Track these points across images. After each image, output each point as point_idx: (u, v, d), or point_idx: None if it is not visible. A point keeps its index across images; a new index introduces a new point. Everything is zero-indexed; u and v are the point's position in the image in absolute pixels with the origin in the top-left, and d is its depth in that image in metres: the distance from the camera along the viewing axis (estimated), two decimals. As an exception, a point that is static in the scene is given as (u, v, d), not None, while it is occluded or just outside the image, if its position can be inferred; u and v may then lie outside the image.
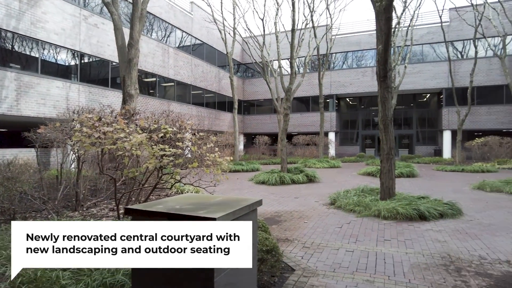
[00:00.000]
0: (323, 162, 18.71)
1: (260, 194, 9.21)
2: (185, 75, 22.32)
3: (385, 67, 6.93)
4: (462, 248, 4.52)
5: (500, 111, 23.44)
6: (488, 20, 21.41)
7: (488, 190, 9.62)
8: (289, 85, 12.35)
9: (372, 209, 6.33)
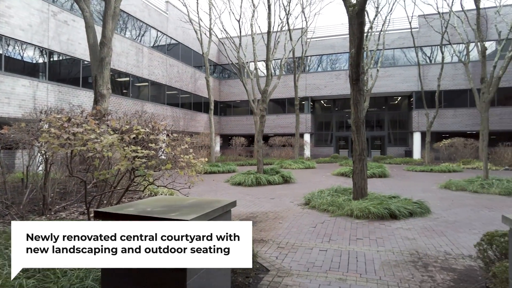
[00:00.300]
0: (298, 163, 18.94)
1: (236, 195, 9.20)
2: (160, 75, 21.95)
3: (357, 70, 7.12)
4: (429, 244, 4.71)
5: (465, 114, 24.65)
6: (454, 27, 22.52)
7: (453, 189, 10.08)
8: (265, 87, 12.42)
9: (345, 208, 6.48)
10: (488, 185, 9.51)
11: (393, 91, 26.66)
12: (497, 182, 9.58)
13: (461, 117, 24.76)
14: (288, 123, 28.33)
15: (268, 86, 12.48)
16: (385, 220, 6.13)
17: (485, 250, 3.27)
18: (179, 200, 2.60)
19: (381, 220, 6.13)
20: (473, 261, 3.98)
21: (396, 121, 29.55)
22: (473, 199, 8.53)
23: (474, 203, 7.98)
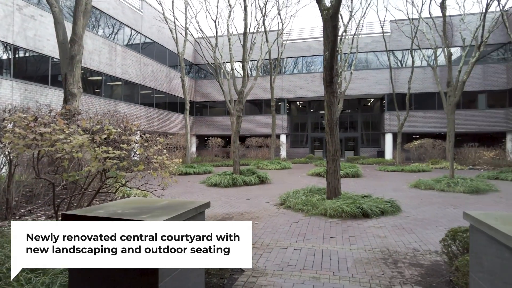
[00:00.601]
0: (274, 164, 19.07)
1: (211, 196, 9.13)
2: (134, 74, 21.44)
3: (331, 73, 7.27)
4: (399, 242, 4.88)
5: (433, 116, 25.74)
6: (423, 33, 23.46)
7: (423, 188, 10.50)
8: (242, 88, 12.43)
9: (319, 208, 6.60)
10: (453, 184, 9.97)
11: (366, 93, 27.41)
12: (461, 181, 10.06)
13: (430, 119, 25.83)
14: (265, 124, 28.48)
15: (245, 87, 12.50)
16: (357, 218, 6.29)
17: (449, 245, 3.44)
18: (151, 202, 2.55)
19: (354, 218, 6.28)
20: (438, 256, 4.16)
21: (369, 123, 30.39)
22: (440, 197, 8.92)
23: (441, 201, 8.34)
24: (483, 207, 7.54)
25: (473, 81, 24.29)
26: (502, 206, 7.67)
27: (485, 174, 13.53)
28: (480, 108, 25.23)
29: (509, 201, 8.37)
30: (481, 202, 8.20)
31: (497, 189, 10.06)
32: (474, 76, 24.05)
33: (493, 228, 1.85)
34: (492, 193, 9.51)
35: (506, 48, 24.98)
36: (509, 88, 24.17)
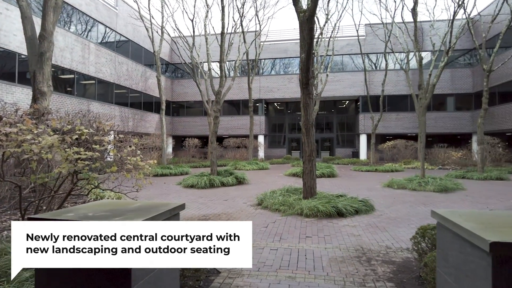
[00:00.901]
0: (252, 164, 19.10)
1: (188, 198, 9.03)
2: (108, 73, 20.86)
3: (307, 75, 7.37)
4: (372, 240, 5.02)
5: (406, 118, 26.64)
6: (396, 37, 24.26)
7: (395, 188, 10.84)
8: (219, 88, 12.37)
9: (295, 208, 6.67)
10: (424, 183, 10.37)
11: (342, 95, 27.99)
12: (432, 180, 10.47)
13: (403, 120, 26.71)
14: (243, 125, 28.48)
15: (222, 88, 12.45)
16: (333, 218, 6.41)
17: (419, 242, 3.57)
18: (124, 204, 2.49)
19: (329, 218, 6.40)
20: (409, 253, 4.31)
21: (344, 124, 31.05)
22: (412, 196, 9.24)
23: (413, 200, 8.64)
24: (451, 205, 7.89)
25: (442, 84, 25.36)
26: (468, 204, 8.05)
27: (453, 174, 14.15)
28: (448, 110, 26.37)
29: (474, 198, 8.79)
30: (449, 200, 8.57)
31: (463, 187, 10.54)
32: (443, 80, 25.11)
33: (457, 225, 1.94)
34: (459, 192, 9.95)
35: (471, 54, 26.24)
36: (474, 92, 25.39)
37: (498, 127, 22.15)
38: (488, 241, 1.58)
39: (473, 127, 25.28)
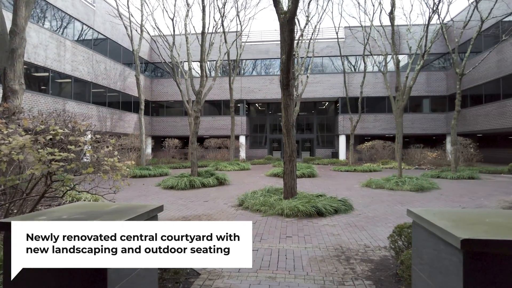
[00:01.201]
0: (233, 165, 19.06)
1: (167, 199, 8.90)
2: (85, 71, 20.28)
3: (288, 76, 7.42)
4: (351, 239, 5.10)
5: (383, 119, 27.30)
6: (374, 40, 24.80)
7: (374, 187, 11.08)
8: (200, 88, 12.27)
9: (276, 208, 6.71)
10: (401, 182, 10.65)
11: (322, 96, 28.36)
12: (408, 180, 10.78)
13: (381, 121, 27.36)
14: (224, 125, 28.37)
15: (203, 87, 12.35)
16: (313, 217, 6.48)
17: (395, 241, 3.66)
18: (100, 206, 2.43)
19: (309, 217, 6.46)
20: (387, 252, 4.41)
21: (324, 125, 31.48)
22: (389, 195, 9.47)
23: (390, 199, 8.86)
24: (426, 204, 8.14)
25: (418, 87, 26.15)
26: (442, 202, 8.33)
27: (429, 173, 14.61)
28: (424, 112, 27.22)
29: (448, 197, 9.11)
30: (425, 199, 8.84)
31: (438, 186, 10.91)
32: (419, 82, 25.88)
33: (431, 223, 2.00)
34: (434, 191, 10.29)
35: (445, 58, 27.21)
36: (448, 94, 26.33)
37: (470, 128, 23.07)
38: (459, 238, 1.63)
39: (447, 128, 26.19)
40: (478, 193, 9.91)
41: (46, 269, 1.78)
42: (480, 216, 2.18)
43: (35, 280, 1.85)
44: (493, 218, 2.12)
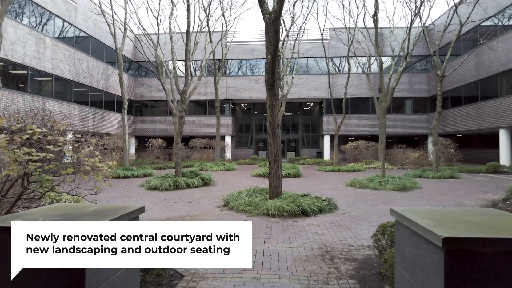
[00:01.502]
0: (219, 165, 18.95)
1: (151, 200, 8.76)
2: (66, 69, 19.77)
3: (273, 76, 7.42)
4: (336, 238, 5.14)
5: (367, 120, 27.73)
6: (358, 42, 25.15)
7: (357, 187, 11.22)
8: (184, 87, 12.14)
9: (261, 208, 6.69)
10: (385, 182, 10.82)
11: (307, 97, 28.57)
12: (391, 179, 10.96)
13: (364, 122, 27.78)
14: (209, 125, 28.20)
15: (188, 87, 12.23)
16: (297, 217, 6.50)
17: (379, 240, 3.70)
18: (79, 207, 2.35)
19: (294, 217, 6.48)
20: (371, 250, 4.46)
21: (309, 125, 31.72)
22: (373, 195, 9.61)
23: (373, 198, 8.98)
24: (409, 203, 8.29)
25: (401, 88, 26.67)
26: (424, 201, 8.51)
27: (411, 173, 14.91)
28: (407, 113, 27.79)
29: (429, 196, 9.31)
30: (407, 198, 9.01)
31: (420, 186, 11.14)
32: (402, 84, 26.42)
33: (413, 222, 2.02)
34: (416, 190, 10.50)
35: (427, 60, 27.88)
36: (430, 96, 26.98)
37: (450, 129, 23.69)
38: (440, 236, 1.65)
39: (429, 129, 26.84)
40: (458, 192, 10.18)
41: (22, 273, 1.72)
42: (461, 215, 2.22)
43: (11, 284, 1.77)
44: (472, 217, 2.16)
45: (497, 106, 19.09)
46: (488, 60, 19.95)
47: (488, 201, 8.49)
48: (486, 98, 20.23)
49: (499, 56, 19.00)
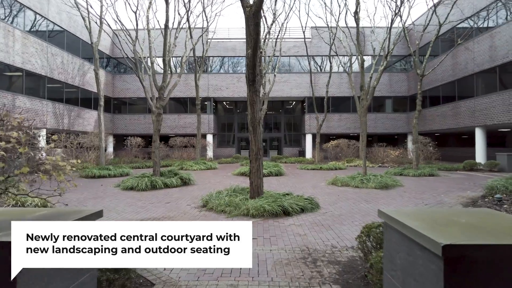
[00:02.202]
0: (200, 164, 18.55)
1: (125, 201, 8.33)
2: (39, 64, 18.84)
3: (254, 71, 7.16)
4: (318, 239, 4.93)
5: (348, 118, 27.91)
6: (340, 41, 25.28)
7: (339, 185, 11.12)
8: (162, 84, 11.70)
9: (241, 208, 6.43)
10: (366, 180, 10.76)
11: (289, 95, 28.46)
12: (373, 177, 10.92)
13: (345, 121, 27.95)
14: (190, 123, 27.67)
15: (165, 83, 11.79)
16: (279, 217, 6.27)
17: (364, 241, 3.50)
18: (24, 212, 2.02)
19: (276, 217, 6.25)
20: (355, 252, 4.27)
21: (291, 124, 31.67)
22: (354, 193, 9.51)
23: (355, 197, 8.88)
24: (391, 201, 8.22)
25: (381, 87, 26.99)
26: (406, 199, 8.46)
27: (392, 171, 14.99)
28: (387, 112, 28.15)
29: (411, 194, 9.30)
30: (389, 196, 8.95)
31: (401, 184, 11.16)
32: (382, 83, 26.73)
33: (405, 225, 1.81)
34: (398, 188, 10.50)
35: (406, 60, 28.33)
36: (409, 95, 27.43)
37: (429, 127, 24.14)
38: (440, 244, 1.44)
39: (408, 127, 27.29)
40: (438, 189, 10.24)
41: None
42: (451, 216, 2.03)
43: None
44: (463, 218, 1.98)
45: (473, 106, 19.54)
46: (464, 60, 20.39)
47: (468, 198, 8.53)
48: (463, 98, 20.69)
49: (475, 57, 19.45)
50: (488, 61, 18.40)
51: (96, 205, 7.72)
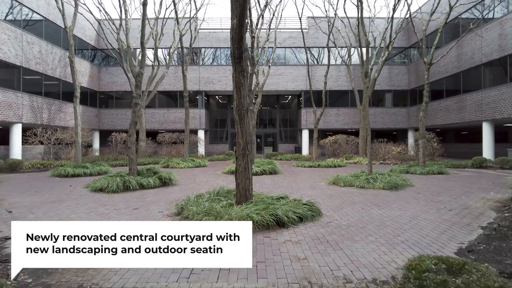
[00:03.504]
0: (187, 162, 17.15)
1: (86, 206, 6.90)
2: (12, 53, 17.26)
3: (240, 46, 5.76)
4: (324, 266, 3.56)
5: (346, 113, 26.57)
6: (338, 31, 23.92)
7: (342, 185, 9.77)
8: (140, 70, 10.24)
9: (223, 218, 5.03)
10: (373, 179, 9.42)
11: (284, 89, 27.03)
12: (380, 176, 9.57)
13: (343, 116, 26.61)
14: (180, 118, 26.17)
15: (143, 69, 10.33)
16: (271, 230, 4.91)
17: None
18: None
19: (266, 230, 4.89)
20: None
21: (287, 119, 30.29)
22: (361, 195, 8.16)
23: (363, 199, 7.53)
24: (405, 205, 6.87)
25: (381, 80, 25.70)
26: (422, 203, 7.12)
27: (397, 168, 13.65)
28: (386, 106, 26.87)
29: (426, 196, 7.97)
30: (402, 199, 7.61)
31: (412, 184, 9.84)
32: (382, 76, 25.44)
33: None
34: (408, 188, 9.17)
35: (406, 53, 27.03)
36: (410, 89, 26.18)
37: (431, 122, 22.89)
38: None
39: (408, 123, 26.04)
40: (454, 190, 8.93)
41: None
42: None
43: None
44: None
45: (480, 99, 18.31)
46: (471, 51, 19.13)
47: (494, 201, 7.25)
48: (469, 91, 19.44)
49: (482, 46, 18.18)
50: (497, 51, 17.14)
51: (50, 212, 6.30)
